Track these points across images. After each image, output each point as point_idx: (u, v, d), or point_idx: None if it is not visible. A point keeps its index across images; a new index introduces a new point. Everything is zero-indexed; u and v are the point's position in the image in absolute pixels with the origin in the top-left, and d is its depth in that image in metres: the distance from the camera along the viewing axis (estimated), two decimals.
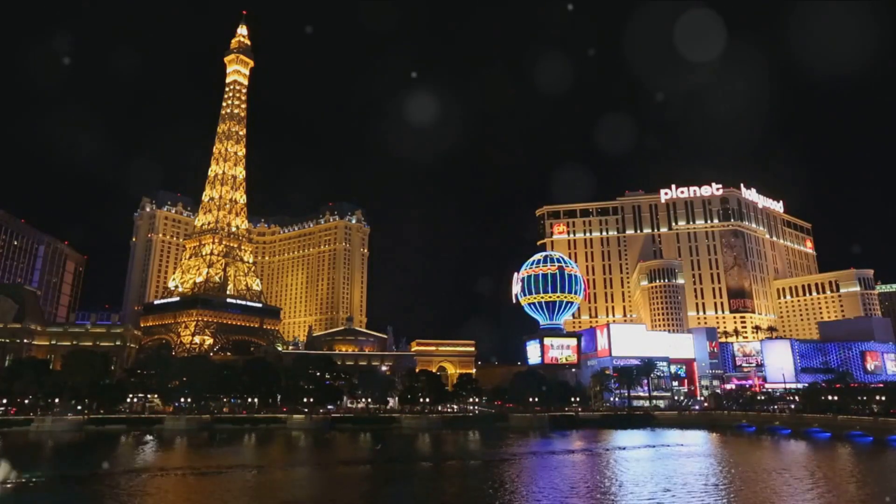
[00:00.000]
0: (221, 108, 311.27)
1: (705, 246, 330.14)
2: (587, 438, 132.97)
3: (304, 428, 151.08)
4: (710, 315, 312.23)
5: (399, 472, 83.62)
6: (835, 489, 64.70)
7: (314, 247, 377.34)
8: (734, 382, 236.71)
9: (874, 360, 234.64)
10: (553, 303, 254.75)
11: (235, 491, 67.79)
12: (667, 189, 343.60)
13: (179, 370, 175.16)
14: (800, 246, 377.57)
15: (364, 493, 68.68)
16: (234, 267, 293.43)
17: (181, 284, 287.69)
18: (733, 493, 63.63)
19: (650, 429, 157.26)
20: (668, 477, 74.18)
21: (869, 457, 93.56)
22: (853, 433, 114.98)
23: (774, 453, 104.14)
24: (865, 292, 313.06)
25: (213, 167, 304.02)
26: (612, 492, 64.22)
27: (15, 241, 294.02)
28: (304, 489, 71.16)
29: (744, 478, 74.61)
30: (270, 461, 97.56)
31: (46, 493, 63.87)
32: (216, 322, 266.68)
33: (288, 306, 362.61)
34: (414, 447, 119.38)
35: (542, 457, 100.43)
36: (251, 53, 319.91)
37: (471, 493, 67.95)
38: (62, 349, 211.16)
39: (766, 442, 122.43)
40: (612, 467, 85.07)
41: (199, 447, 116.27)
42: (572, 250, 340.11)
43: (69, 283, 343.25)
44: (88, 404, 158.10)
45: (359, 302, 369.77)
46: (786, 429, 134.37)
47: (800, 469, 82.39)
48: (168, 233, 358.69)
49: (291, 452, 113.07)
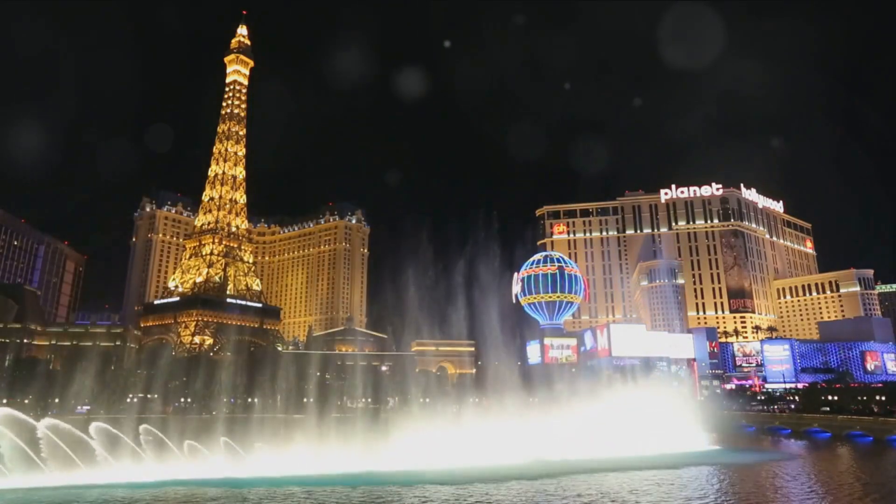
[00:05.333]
0: (221, 108, 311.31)
1: (705, 246, 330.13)
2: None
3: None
4: (710, 315, 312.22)
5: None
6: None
7: (314, 247, 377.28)
8: (734, 382, 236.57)
9: (874, 360, 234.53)
10: (553, 303, 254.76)
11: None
12: (667, 189, 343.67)
13: (179, 370, 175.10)
14: (800, 246, 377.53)
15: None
16: (234, 267, 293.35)
17: (181, 284, 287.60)
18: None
19: None
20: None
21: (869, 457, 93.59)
22: (853, 433, 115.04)
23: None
24: (865, 292, 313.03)
25: (213, 167, 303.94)
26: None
27: (15, 241, 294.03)
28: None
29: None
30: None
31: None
32: (216, 322, 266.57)
33: (288, 306, 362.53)
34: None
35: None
36: (251, 53, 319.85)
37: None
38: (62, 349, 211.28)
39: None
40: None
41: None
42: (572, 250, 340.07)
43: (69, 283, 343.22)
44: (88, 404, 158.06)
45: (359, 302, 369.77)
46: (786, 429, 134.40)
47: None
48: (168, 233, 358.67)
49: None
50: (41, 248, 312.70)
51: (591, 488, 57.95)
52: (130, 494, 55.16)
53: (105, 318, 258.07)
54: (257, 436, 79.88)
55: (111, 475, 61.17)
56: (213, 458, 67.70)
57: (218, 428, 76.14)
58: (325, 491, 57.31)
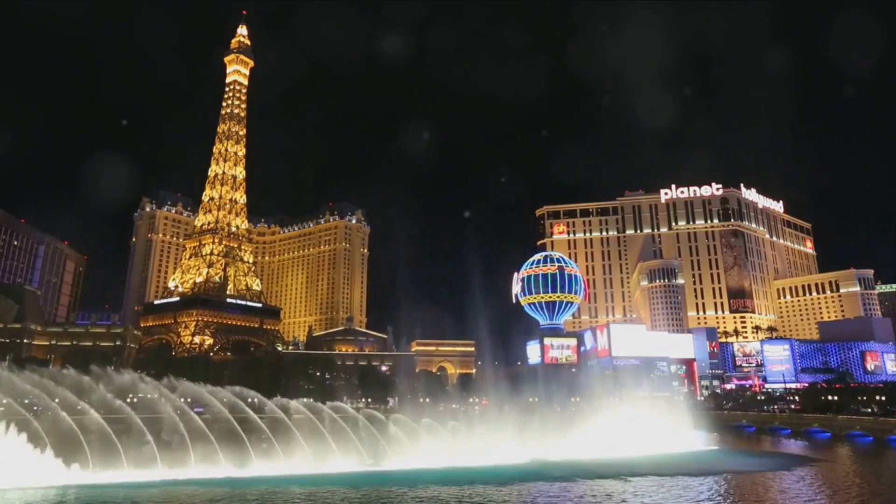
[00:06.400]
0: (221, 108, 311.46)
1: (705, 246, 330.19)
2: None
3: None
4: (710, 315, 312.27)
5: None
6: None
7: (314, 247, 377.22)
8: (734, 382, 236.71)
9: (874, 360, 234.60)
10: (553, 303, 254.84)
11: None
12: (667, 189, 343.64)
13: (179, 370, 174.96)
14: (800, 246, 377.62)
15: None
16: (234, 267, 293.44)
17: (181, 284, 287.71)
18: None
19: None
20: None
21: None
22: (853, 433, 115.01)
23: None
24: (865, 292, 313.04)
25: (213, 167, 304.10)
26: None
27: (15, 241, 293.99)
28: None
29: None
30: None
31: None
32: (216, 322, 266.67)
33: (288, 306, 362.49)
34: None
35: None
36: (251, 53, 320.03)
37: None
38: (62, 349, 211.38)
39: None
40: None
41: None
42: (572, 250, 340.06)
43: (69, 283, 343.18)
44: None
45: (359, 302, 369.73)
46: (786, 428, 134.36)
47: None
48: (168, 233, 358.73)
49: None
50: (41, 248, 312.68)
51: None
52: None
53: (105, 318, 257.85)
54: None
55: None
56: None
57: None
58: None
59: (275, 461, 62.83)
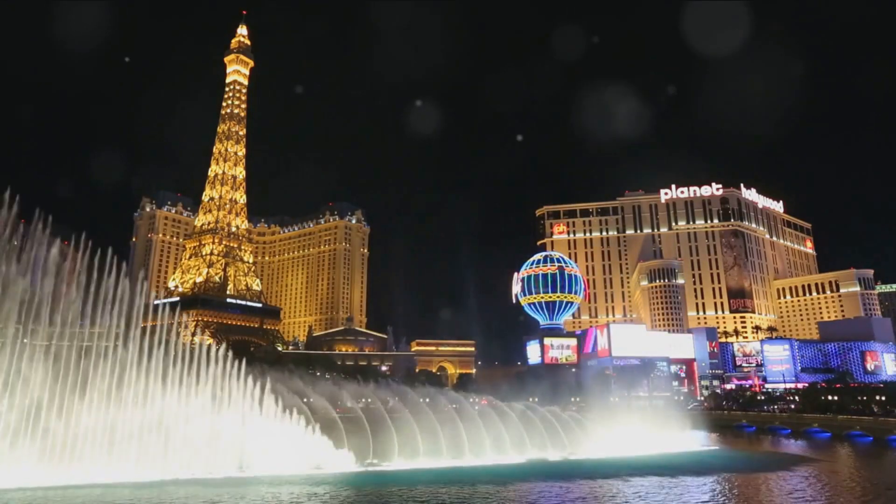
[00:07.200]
0: (221, 108, 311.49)
1: (705, 246, 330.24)
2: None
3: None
4: (710, 315, 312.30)
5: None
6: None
7: (314, 247, 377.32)
8: (734, 382, 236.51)
9: (874, 360, 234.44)
10: (553, 303, 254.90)
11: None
12: (667, 189, 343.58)
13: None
14: (800, 246, 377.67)
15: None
16: (234, 267, 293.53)
17: (181, 284, 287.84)
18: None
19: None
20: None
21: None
22: (853, 433, 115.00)
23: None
24: (865, 292, 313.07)
25: (213, 167, 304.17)
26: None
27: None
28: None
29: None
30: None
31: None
32: (216, 322, 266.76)
33: (288, 306, 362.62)
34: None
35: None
36: (251, 53, 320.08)
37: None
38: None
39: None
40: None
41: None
42: (572, 250, 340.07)
43: None
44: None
45: (359, 302, 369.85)
46: (786, 429, 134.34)
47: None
48: (168, 233, 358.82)
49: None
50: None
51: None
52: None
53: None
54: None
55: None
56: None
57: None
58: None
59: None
